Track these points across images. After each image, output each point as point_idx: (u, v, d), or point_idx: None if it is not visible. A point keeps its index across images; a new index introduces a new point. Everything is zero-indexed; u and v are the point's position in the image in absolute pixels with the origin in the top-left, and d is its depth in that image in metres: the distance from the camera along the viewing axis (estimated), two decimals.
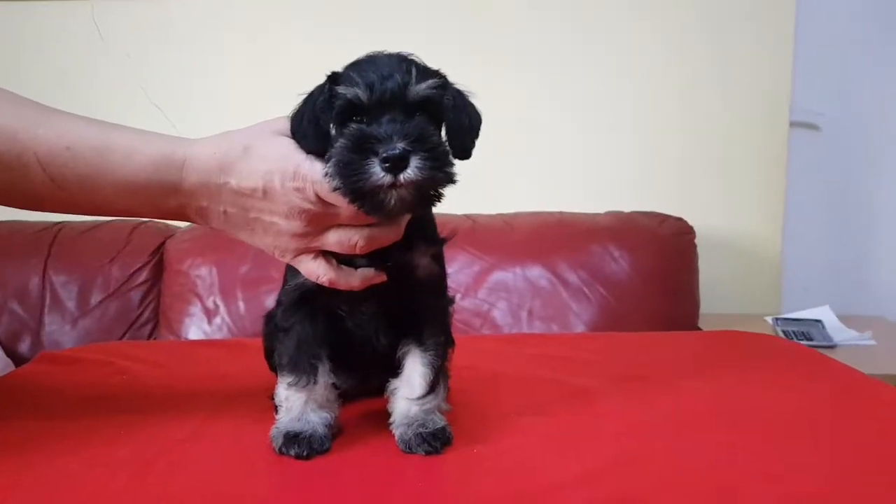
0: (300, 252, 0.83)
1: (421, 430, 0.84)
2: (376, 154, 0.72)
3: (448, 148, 0.78)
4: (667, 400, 1.03)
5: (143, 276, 2.24)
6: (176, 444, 0.86)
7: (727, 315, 2.39)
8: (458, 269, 2.11)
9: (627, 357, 1.26)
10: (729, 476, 0.78)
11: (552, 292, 2.10)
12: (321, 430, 0.84)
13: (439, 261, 0.90)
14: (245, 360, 1.22)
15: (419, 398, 0.86)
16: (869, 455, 0.84)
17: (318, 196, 0.78)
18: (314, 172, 0.77)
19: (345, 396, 0.97)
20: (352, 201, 0.75)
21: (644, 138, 2.51)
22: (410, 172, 0.73)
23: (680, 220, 2.27)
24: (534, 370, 1.16)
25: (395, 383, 0.89)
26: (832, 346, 2.10)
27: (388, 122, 0.75)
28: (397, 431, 0.86)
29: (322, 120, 0.79)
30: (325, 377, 0.87)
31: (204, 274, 2.17)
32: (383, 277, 0.84)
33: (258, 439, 0.86)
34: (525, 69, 2.49)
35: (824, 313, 2.29)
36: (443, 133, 0.81)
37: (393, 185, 0.73)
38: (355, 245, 0.80)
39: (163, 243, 2.27)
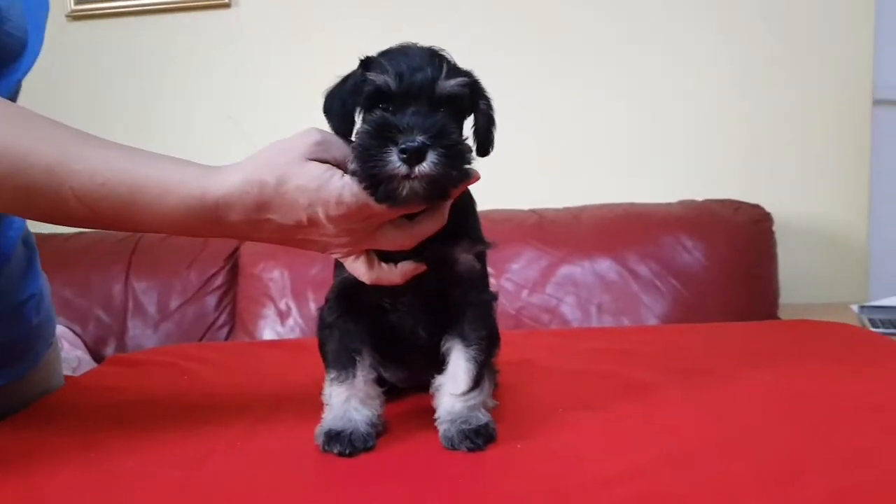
0: (347, 255, 0.84)
1: (464, 426, 0.83)
2: (395, 143, 0.73)
3: (466, 146, 0.78)
4: (727, 393, 0.99)
5: (219, 280, 2.31)
6: (227, 443, 0.88)
7: (810, 304, 2.27)
8: (525, 265, 2.09)
9: (692, 349, 1.22)
10: (782, 470, 0.74)
11: (622, 285, 2.05)
12: (363, 427, 0.85)
13: (481, 260, 0.89)
14: (303, 360, 1.24)
15: (463, 394, 0.85)
16: None
17: (363, 214, 0.78)
18: (353, 195, 0.76)
19: (396, 390, 0.99)
20: (366, 187, 0.75)
21: (717, 122, 2.41)
22: (426, 166, 0.73)
23: (756, 206, 2.17)
24: (590, 364, 1.13)
25: (440, 379, 0.88)
26: None
27: (413, 113, 0.76)
28: (441, 428, 0.85)
29: (349, 103, 0.81)
30: (364, 371, 0.87)
31: (276, 277, 2.22)
32: (423, 267, 0.84)
33: (307, 438, 0.87)
34: (592, 58, 2.43)
35: None
36: (466, 130, 0.82)
37: (407, 177, 0.73)
38: (402, 244, 0.81)
39: (237, 248, 2.34)
